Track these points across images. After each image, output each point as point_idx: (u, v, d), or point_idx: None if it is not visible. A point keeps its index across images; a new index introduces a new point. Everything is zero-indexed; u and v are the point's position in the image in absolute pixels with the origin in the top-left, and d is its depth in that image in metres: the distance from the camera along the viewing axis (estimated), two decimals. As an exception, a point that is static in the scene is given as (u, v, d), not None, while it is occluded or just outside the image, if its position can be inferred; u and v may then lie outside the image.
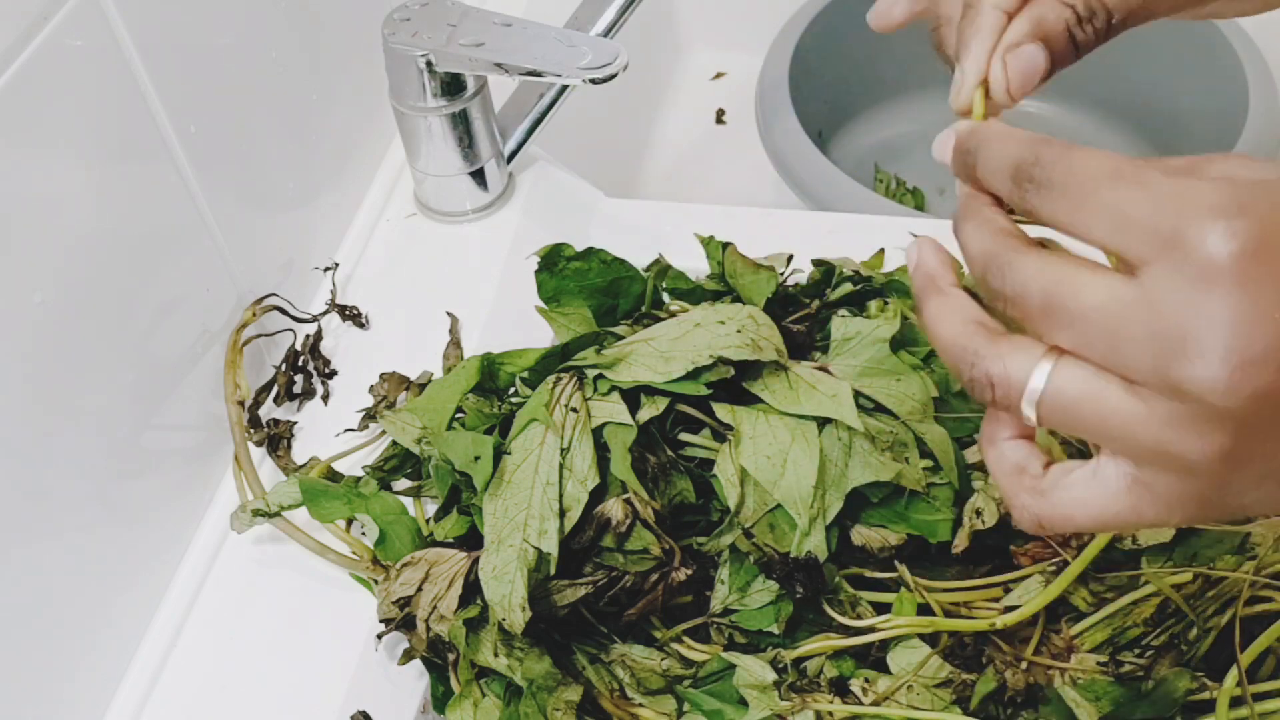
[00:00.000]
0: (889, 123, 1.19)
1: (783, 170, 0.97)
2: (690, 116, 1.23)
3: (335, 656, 0.60)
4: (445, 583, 0.57)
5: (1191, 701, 0.53)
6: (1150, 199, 0.33)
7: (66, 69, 0.53)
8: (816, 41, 1.06)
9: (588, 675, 0.57)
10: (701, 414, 0.60)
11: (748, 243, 0.68)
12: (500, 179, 0.80)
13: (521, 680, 0.55)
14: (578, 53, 0.69)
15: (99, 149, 0.56)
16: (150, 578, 0.63)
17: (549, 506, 0.55)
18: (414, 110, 0.74)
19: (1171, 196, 0.33)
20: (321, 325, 0.72)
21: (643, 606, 0.57)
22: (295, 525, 0.63)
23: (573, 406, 0.57)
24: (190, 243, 0.64)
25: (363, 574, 0.62)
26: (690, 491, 0.59)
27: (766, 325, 0.60)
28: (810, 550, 0.56)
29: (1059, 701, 0.54)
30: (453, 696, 0.57)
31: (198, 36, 0.62)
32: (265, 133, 0.70)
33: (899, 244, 0.73)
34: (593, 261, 0.67)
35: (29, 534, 0.54)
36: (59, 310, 0.54)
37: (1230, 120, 0.96)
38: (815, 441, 0.56)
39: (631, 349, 0.59)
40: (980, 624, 0.55)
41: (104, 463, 0.58)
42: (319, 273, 0.76)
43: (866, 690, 0.55)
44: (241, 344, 0.67)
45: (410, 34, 0.71)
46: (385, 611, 0.58)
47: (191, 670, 0.61)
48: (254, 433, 0.67)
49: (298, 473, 0.65)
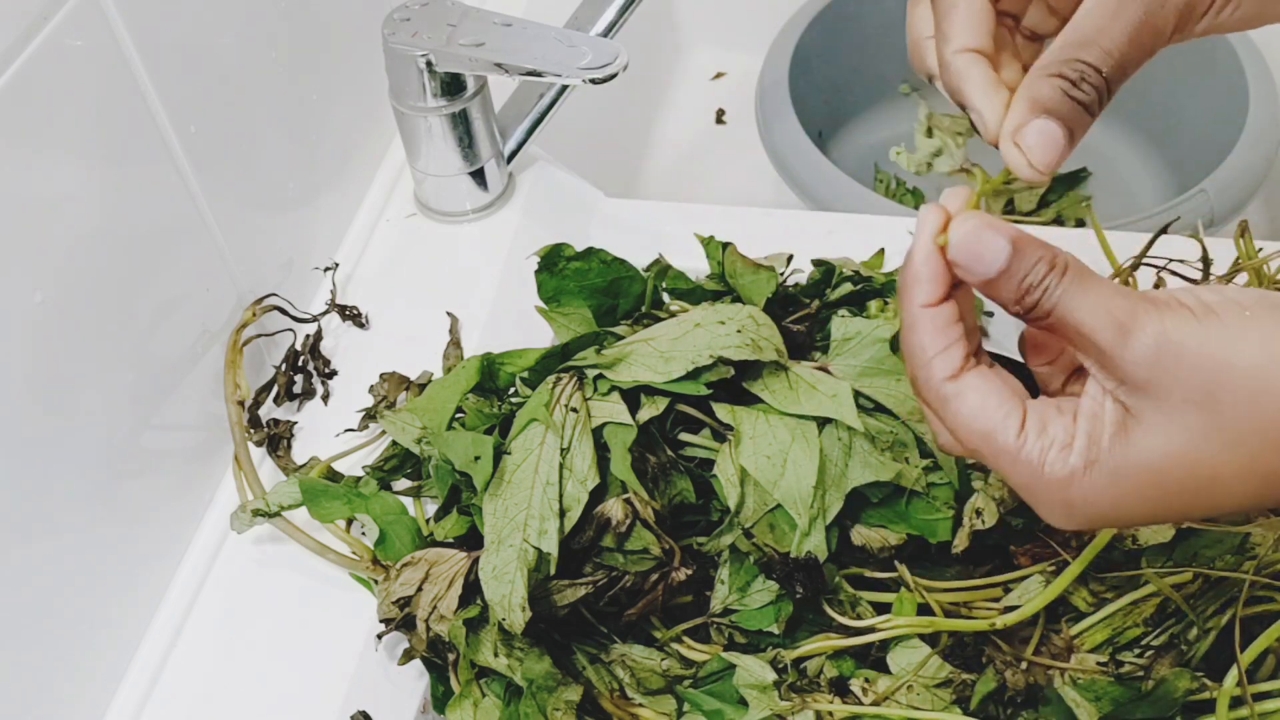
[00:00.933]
0: (889, 123, 1.19)
1: (783, 170, 0.97)
2: (690, 116, 1.23)
3: (335, 656, 0.60)
4: (445, 583, 0.57)
5: (1191, 701, 0.53)
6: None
7: (66, 69, 0.53)
8: (816, 41, 1.06)
9: (588, 675, 0.57)
10: (701, 414, 0.60)
11: (748, 243, 0.68)
12: (500, 179, 0.80)
13: (521, 680, 0.55)
14: (578, 53, 0.69)
15: (99, 149, 0.56)
16: (150, 578, 0.63)
17: (549, 506, 0.55)
18: (414, 110, 0.74)
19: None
20: (321, 325, 0.72)
21: (643, 606, 0.57)
22: (295, 525, 0.63)
23: (573, 406, 0.57)
24: (190, 243, 0.64)
25: (363, 574, 0.62)
26: (690, 491, 0.59)
27: (766, 325, 0.60)
28: (810, 550, 0.56)
29: (1059, 701, 0.54)
30: (453, 696, 0.57)
31: (198, 36, 0.62)
32: (265, 133, 0.70)
33: (899, 244, 0.73)
34: (593, 261, 0.67)
35: (29, 534, 0.53)
36: (59, 310, 0.54)
37: (1230, 120, 0.96)
38: (815, 441, 0.56)
39: (631, 349, 0.59)
40: (980, 624, 0.55)
41: (104, 462, 0.58)
42: (319, 273, 0.76)
43: (866, 690, 0.55)
44: (241, 344, 0.67)
45: (410, 34, 0.71)
46: (385, 611, 0.58)
47: (191, 670, 0.61)
48: (254, 433, 0.67)
49: (298, 473, 0.65)
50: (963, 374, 0.41)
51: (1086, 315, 0.39)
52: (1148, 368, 0.38)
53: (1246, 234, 0.66)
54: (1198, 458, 0.38)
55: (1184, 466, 0.38)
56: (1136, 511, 0.40)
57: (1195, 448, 0.38)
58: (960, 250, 0.40)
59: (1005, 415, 0.40)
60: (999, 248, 0.39)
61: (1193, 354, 0.37)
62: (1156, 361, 0.38)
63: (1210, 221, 0.89)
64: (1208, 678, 0.53)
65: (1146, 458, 0.38)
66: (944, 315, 0.41)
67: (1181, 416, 0.38)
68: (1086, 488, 0.39)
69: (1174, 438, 0.38)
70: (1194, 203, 0.89)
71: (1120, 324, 0.38)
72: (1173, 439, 0.38)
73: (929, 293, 0.41)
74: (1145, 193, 1.12)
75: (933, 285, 0.41)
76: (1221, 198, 0.90)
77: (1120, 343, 0.38)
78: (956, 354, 0.41)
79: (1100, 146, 1.14)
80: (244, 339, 0.67)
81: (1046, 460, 0.40)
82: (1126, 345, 0.38)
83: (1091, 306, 0.39)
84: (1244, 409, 0.37)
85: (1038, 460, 0.40)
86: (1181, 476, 0.38)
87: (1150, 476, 0.39)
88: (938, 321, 0.41)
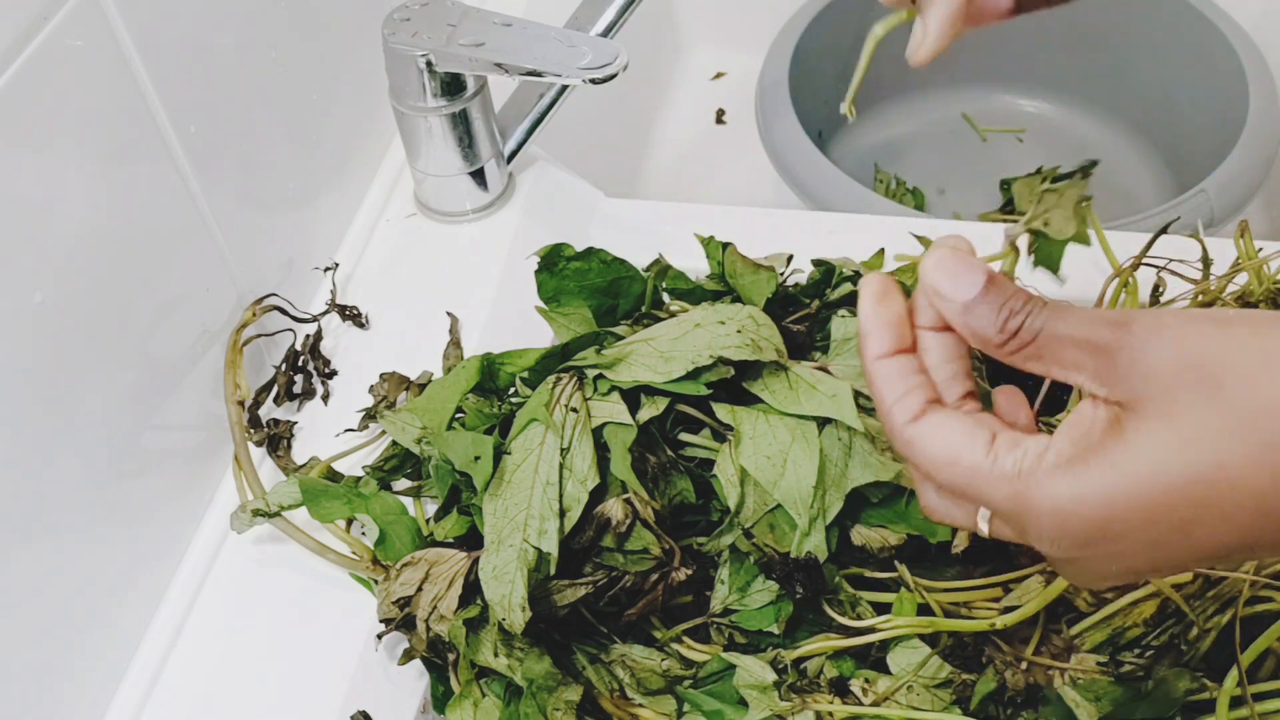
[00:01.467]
0: (889, 123, 1.19)
1: (783, 170, 0.97)
2: (690, 116, 1.23)
3: (335, 656, 0.60)
4: (445, 583, 0.57)
5: (1191, 701, 0.53)
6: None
7: (66, 69, 0.53)
8: (816, 41, 1.06)
9: (588, 675, 0.57)
10: (701, 414, 0.60)
11: (748, 243, 0.68)
12: (500, 179, 0.80)
13: (521, 680, 0.55)
14: (578, 53, 0.69)
15: (99, 149, 0.56)
16: (150, 578, 0.63)
17: (549, 506, 0.55)
18: (414, 110, 0.74)
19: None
20: (321, 325, 0.72)
21: (643, 606, 0.57)
22: (295, 525, 0.63)
23: (573, 406, 0.57)
24: (190, 243, 0.64)
25: (363, 574, 0.62)
26: (690, 491, 0.59)
27: (767, 326, 0.60)
28: (810, 550, 0.56)
29: (1059, 701, 0.54)
30: (453, 697, 0.57)
31: (198, 36, 0.62)
32: (265, 133, 0.70)
33: (899, 244, 0.73)
34: (593, 261, 0.67)
35: (29, 534, 0.53)
36: (59, 310, 0.54)
37: (1230, 120, 0.97)
38: (815, 441, 0.56)
39: (631, 349, 0.59)
40: (980, 624, 0.55)
41: (104, 463, 0.58)
42: (319, 273, 0.76)
43: (866, 690, 0.55)
44: (241, 344, 0.67)
45: (410, 34, 0.71)
46: (385, 611, 0.58)
47: (191, 670, 0.61)
48: (254, 433, 0.67)
49: (298, 473, 0.65)
50: (924, 416, 0.41)
51: (1078, 324, 0.38)
52: (1154, 352, 0.36)
53: (1246, 234, 0.66)
54: (1203, 445, 0.35)
55: (1188, 455, 0.35)
56: (1134, 521, 0.36)
57: (1201, 434, 0.35)
58: (936, 273, 0.41)
59: (971, 439, 0.39)
60: (975, 266, 0.40)
61: (1193, 337, 0.36)
62: (1160, 343, 0.36)
63: (1210, 221, 0.89)
64: (1207, 678, 0.53)
65: (1145, 448, 0.36)
66: (897, 365, 0.42)
67: (1187, 398, 0.35)
68: (1077, 487, 0.37)
69: (1178, 422, 0.35)
70: (1194, 203, 0.89)
71: (1115, 321, 0.38)
72: (1176, 424, 0.35)
73: (879, 345, 0.42)
74: (1145, 193, 1.12)
75: (880, 338, 0.42)
76: (1221, 198, 0.90)
77: (1121, 334, 0.37)
78: (915, 399, 0.41)
79: (1100, 146, 1.14)
80: (244, 339, 0.67)
81: (1024, 467, 0.38)
82: (1129, 332, 0.37)
83: (1080, 317, 0.38)
84: (1250, 390, 0.35)
85: (1012, 469, 0.38)
86: (1185, 468, 0.35)
87: (1150, 468, 0.35)
88: (891, 370, 0.42)
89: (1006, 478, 0.38)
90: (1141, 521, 0.36)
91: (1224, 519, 0.35)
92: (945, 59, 1.23)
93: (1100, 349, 0.38)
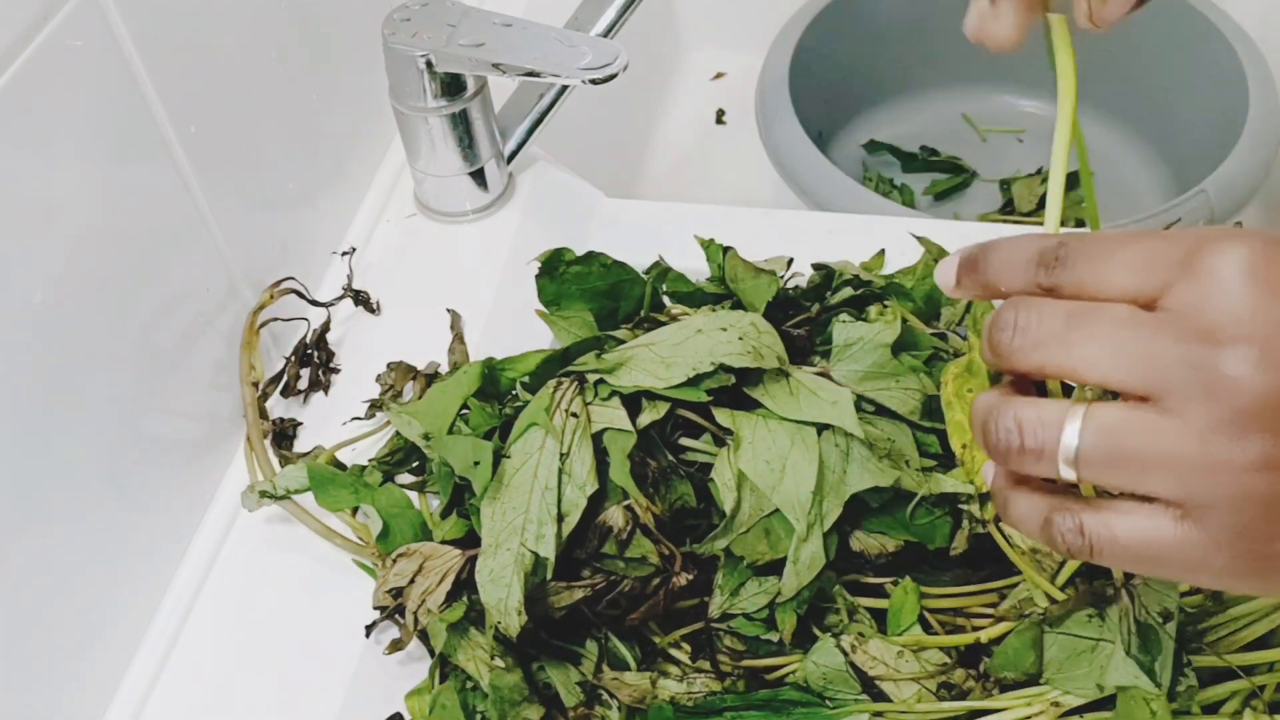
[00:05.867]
0: (889, 123, 1.19)
1: (782, 170, 0.97)
2: (690, 116, 1.23)
3: (342, 638, 0.60)
4: (437, 577, 0.57)
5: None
6: (1165, 240, 0.36)
7: (66, 69, 0.53)
8: (816, 41, 1.05)
9: (561, 695, 0.57)
10: (702, 419, 0.60)
11: (748, 243, 0.68)
12: (500, 179, 0.80)
13: (488, 687, 0.55)
14: (578, 53, 0.69)
15: (99, 149, 0.56)
16: (159, 562, 0.63)
17: (547, 511, 0.55)
18: (414, 110, 0.74)
19: (1182, 236, 0.36)
20: (330, 318, 0.73)
21: (644, 611, 0.57)
22: (303, 509, 0.63)
23: (573, 411, 0.57)
24: (190, 243, 0.64)
25: (368, 560, 0.62)
26: (691, 496, 0.58)
27: (768, 333, 0.60)
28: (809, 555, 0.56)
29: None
30: (416, 687, 0.57)
31: (198, 36, 0.62)
32: (265, 133, 0.69)
33: (899, 244, 0.73)
34: (593, 265, 0.67)
35: (39, 520, 0.54)
36: (59, 310, 0.54)
37: (1230, 120, 0.96)
38: (814, 447, 0.56)
39: (632, 354, 0.59)
40: (967, 638, 0.56)
41: (109, 458, 0.58)
42: (320, 272, 0.76)
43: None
44: (258, 326, 0.67)
45: (410, 34, 0.71)
46: (379, 600, 0.58)
47: (200, 653, 0.61)
48: (263, 424, 0.67)
49: (304, 459, 0.65)
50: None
51: (1128, 244, 0.37)
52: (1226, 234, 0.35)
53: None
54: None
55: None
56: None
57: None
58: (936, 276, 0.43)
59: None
60: (948, 258, 0.42)
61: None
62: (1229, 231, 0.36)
63: (1210, 221, 0.89)
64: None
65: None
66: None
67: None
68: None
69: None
70: (1194, 203, 0.89)
71: (1163, 230, 0.37)
72: None
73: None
74: (1145, 193, 1.12)
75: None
76: (1221, 198, 0.90)
77: (1189, 234, 0.36)
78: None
79: (1100, 146, 1.14)
80: (260, 321, 0.68)
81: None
82: (1199, 230, 0.36)
83: (1123, 236, 0.37)
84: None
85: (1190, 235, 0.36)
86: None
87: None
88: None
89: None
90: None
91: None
92: (945, 59, 1.23)
93: (1170, 246, 0.37)
